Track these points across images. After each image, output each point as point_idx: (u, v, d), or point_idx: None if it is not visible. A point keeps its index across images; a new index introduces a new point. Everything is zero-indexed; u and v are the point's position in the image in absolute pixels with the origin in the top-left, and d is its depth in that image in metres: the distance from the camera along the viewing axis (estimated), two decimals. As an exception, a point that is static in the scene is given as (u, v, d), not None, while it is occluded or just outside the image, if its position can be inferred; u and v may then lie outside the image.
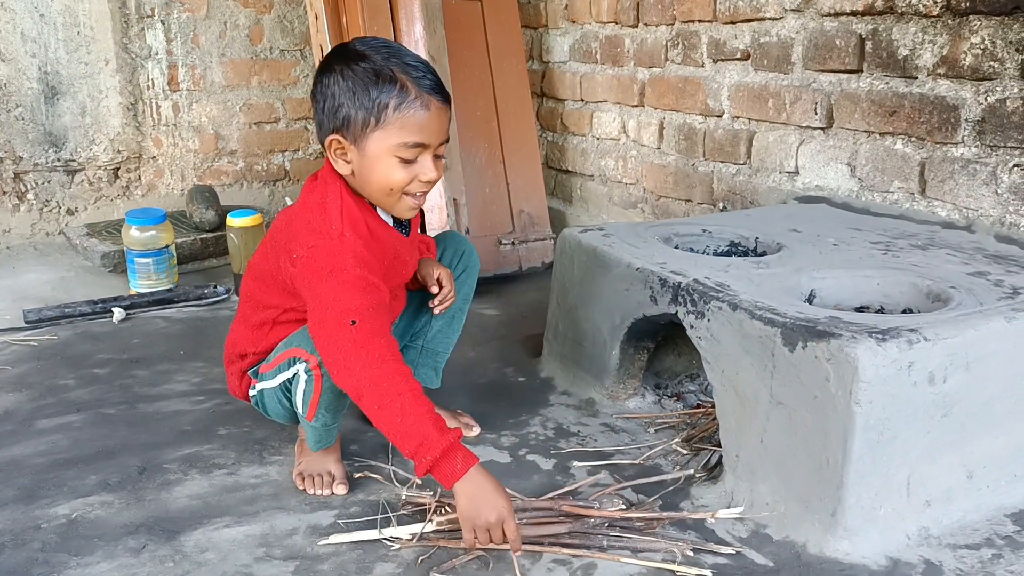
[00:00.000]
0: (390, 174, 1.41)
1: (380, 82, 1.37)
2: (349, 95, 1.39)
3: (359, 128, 1.39)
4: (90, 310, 2.46)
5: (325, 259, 1.39)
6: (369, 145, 1.40)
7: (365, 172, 1.43)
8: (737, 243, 1.94)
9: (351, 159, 1.43)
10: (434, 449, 1.26)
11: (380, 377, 1.31)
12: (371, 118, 1.38)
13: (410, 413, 1.29)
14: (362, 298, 1.36)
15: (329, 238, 1.41)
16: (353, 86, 1.38)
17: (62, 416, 1.83)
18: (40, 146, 3.23)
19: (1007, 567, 1.26)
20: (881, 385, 1.25)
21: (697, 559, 1.30)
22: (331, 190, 1.47)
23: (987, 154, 1.81)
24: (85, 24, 3.23)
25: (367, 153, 1.41)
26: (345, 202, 1.45)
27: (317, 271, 1.39)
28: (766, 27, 2.29)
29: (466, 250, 1.77)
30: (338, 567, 1.29)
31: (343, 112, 1.40)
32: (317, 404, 1.47)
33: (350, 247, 1.40)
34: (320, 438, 1.54)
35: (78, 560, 1.32)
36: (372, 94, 1.38)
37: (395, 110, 1.38)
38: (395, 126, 1.38)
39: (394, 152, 1.40)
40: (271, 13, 3.51)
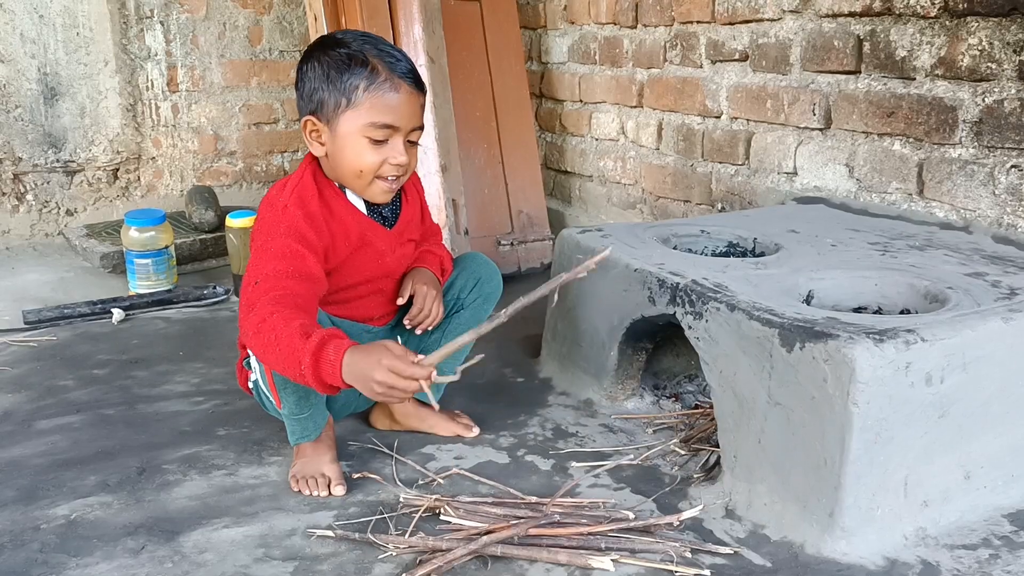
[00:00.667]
0: (360, 155, 1.46)
1: (352, 64, 1.44)
2: (323, 79, 1.45)
3: (331, 109, 1.45)
4: (89, 311, 2.47)
5: (262, 228, 1.46)
6: (340, 125, 1.45)
7: (337, 153, 1.48)
8: (735, 244, 1.95)
9: (324, 140, 1.48)
10: (304, 356, 1.25)
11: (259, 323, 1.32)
12: (342, 98, 1.44)
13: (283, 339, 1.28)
14: (277, 263, 1.40)
15: (273, 209, 1.47)
16: (327, 70, 1.45)
17: (61, 417, 1.83)
18: (39, 147, 3.24)
19: (1004, 567, 1.26)
20: (878, 386, 1.25)
21: (695, 560, 1.30)
22: (299, 169, 1.54)
23: (985, 155, 1.81)
24: (84, 25, 3.23)
25: (338, 133, 1.46)
26: (304, 179, 1.51)
27: (253, 240, 1.48)
28: (764, 28, 2.30)
29: (483, 277, 1.71)
30: (337, 567, 1.29)
31: (318, 95, 1.46)
32: (274, 384, 1.48)
33: (288, 218, 1.45)
34: (294, 429, 1.54)
35: (77, 561, 1.32)
36: (344, 76, 1.44)
37: (365, 91, 1.43)
38: (365, 106, 1.43)
39: (364, 132, 1.44)
40: (270, 14, 3.52)
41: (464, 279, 1.72)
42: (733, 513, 1.42)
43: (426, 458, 1.63)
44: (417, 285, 1.64)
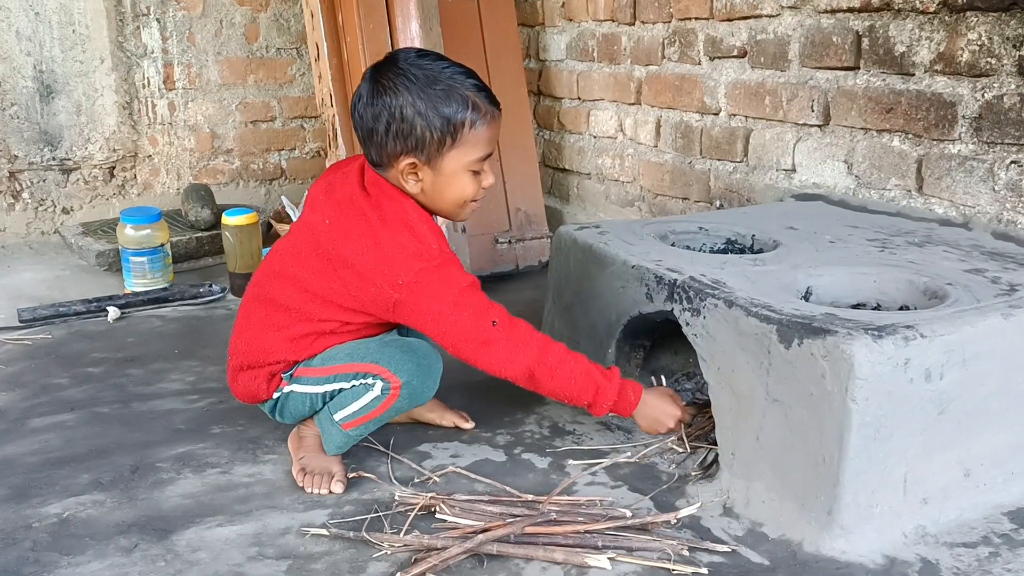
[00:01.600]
0: (465, 189, 1.50)
1: (451, 101, 1.43)
2: (423, 116, 1.43)
3: (434, 148, 1.45)
4: (85, 309, 2.46)
5: (437, 280, 1.45)
6: (445, 164, 1.47)
7: (440, 189, 1.49)
8: (734, 240, 1.94)
9: (422, 178, 1.48)
10: (611, 392, 1.49)
11: (540, 356, 1.46)
12: (447, 137, 1.44)
13: (578, 373, 1.47)
14: (480, 297, 1.48)
15: (432, 259, 1.46)
16: (426, 108, 1.43)
17: (55, 415, 1.82)
18: (35, 145, 3.22)
19: (1004, 565, 1.25)
20: (877, 382, 1.24)
21: (693, 558, 1.29)
22: (409, 208, 1.50)
23: (984, 151, 1.80)
24: (80, 22, 3.22)
25: (443, 172, 1.47)
26: (426, 218, 1.52)
27: (433, 292, 1.45)
28: (763, 24, 2.28)
29: None
30: (331, 566, 1.28)
31: (417, 134, 1.44)
32: (373, 418, 1.52)
33: (451, 261, 1.49)
34: (342, 444, 1.56)
35: (69, 559, 1.31)
36: (446, 114, 1.43)
37: (471, 127, 1.45)
38: (470, 143, 1.46)
39: (468, 167, 1.48)
40: (267, 11, 3.50)
41: None
42: (731, 511, 1.41)
43: (421, 456, 1.62)
44: None
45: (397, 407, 1.52)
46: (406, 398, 1.50)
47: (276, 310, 1.56)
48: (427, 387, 1.52)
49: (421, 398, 1.53)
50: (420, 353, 1.51)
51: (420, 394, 1.52)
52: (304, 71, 3.60)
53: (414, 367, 1.49)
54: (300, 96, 3.62)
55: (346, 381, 1.52)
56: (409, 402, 1.52)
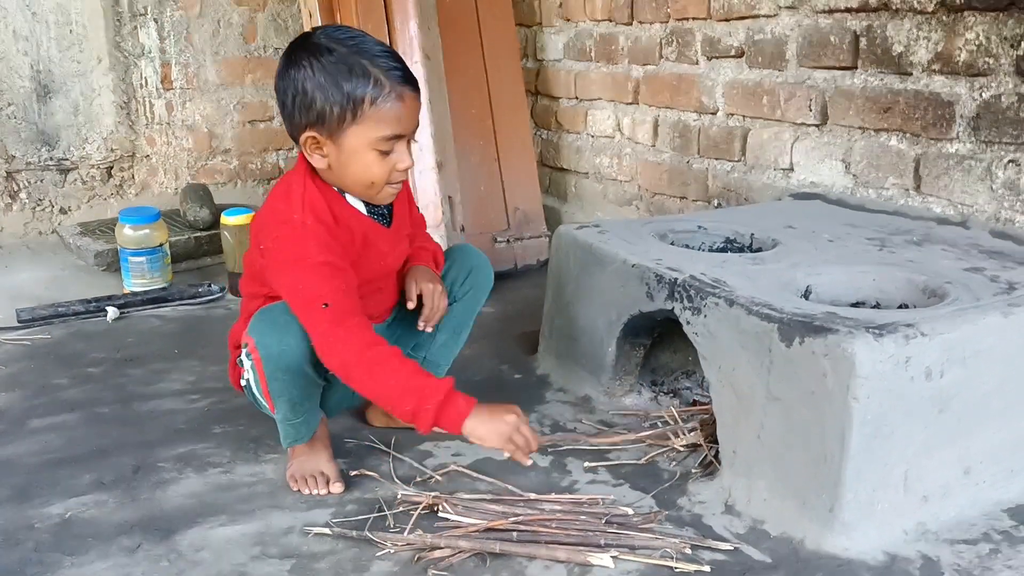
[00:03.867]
0: (369, 168, 1.44)
1: (352, 76, 1.38)
2: (321, 90, 1.38)
3: (335, 123, 1.40)
4: (84, 309, 2.45)
5: (290, 248, 1.42)
6: (346, 140, 1.41)
7: (343, 166, 1.45)
8: (732, 239, 1.94)
9: (327, 153, 1.44)
10: (435, 397, 1.31)
11: (361, 349, 1.36)
12: (347, 113, 1.39)
13: (401, 374, 1.34)
14: (330, 282, 1.40)
15: (292, 226, 1.43)
16: (324, 80, 1.38)
17: (56, 415, 1.82)
18: (32, 145, 3.22)
19: (1004, 562, 1.26)
20: (878, 380, 1.25)
21: (695, 556, 1.29)
22: (295, 179, 1.50)
23: (982, 150, 1.81)
24: (77, 22, 3.21)
25: (344, 148, 1.42)
26: (308, 190, 1.47)
27: (284, 260, 1.43)
28: (760, 24, 2.29)
29: (475, 267, 1.71)
30: (335, 565, 1.29)
31: (317, 107, 1.40)
32: (268, 392, 1.47)
33: (312, 234, 1.42)
34: (287, 433, 1.53)
35: (72, 560, 1.31)
36: (345, 88, 1.38)
37: (371, 104, 1.39)
38: (372, 120, 1.39)
39: (372, 146, 1.42)
40: (265, 11, 3.50)
41: (456, 271, 1.70)
42: (732, 509, 1.41)
43: (424, 455, 1.63)
44: (423, 284, 1.62)
45: (269, 371, 1.44)
46: (267, 359, 1.42)
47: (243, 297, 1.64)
48: (286, 345, 1.41)
49: (284, 358, 1.42)
50: (274, 311, 1.44)
51: (280, 354, 1.42)
52: (302, 71, 3.59)
53: (266, 325, 1.43)
54: (298, 96, 3.61)
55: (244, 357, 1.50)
56: (273, 363, 1.43)
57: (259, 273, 1.54)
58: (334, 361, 1.38)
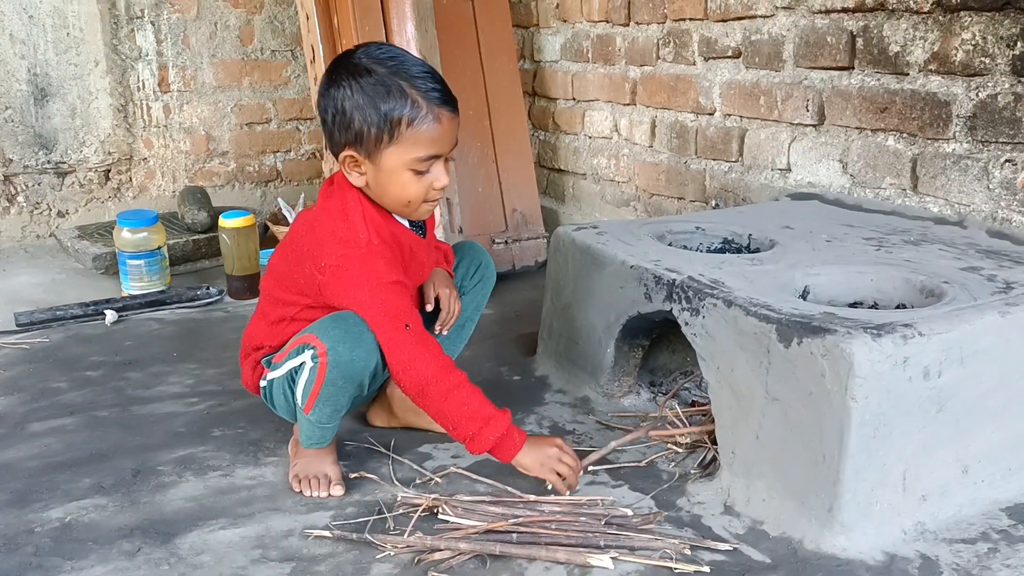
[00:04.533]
0: (406, 188, 1.46)
1: (390, 97, 1.40)
2: (359, 110, 1.41)
3: (372, 143, 1.42)
4: (82, 312, 2.45)
5: (358, 268, 1.44)
6: (384, 160, 1.43)
7: (382, 185, 1.47)
8: (730, 240, 1.94)
9: (365, 171, 1.47)
10: (498, 429, 1.41)
11: (439, 372, 1.42)
12: (384, 134, 1.41)
13: (473, 403, 1.42)
14: (404, 301, 1.46)
15: (358, 246, 1.46)
16: (363, 100, 1.41)
17: (55, 419, 1.82)
18: (30, 148, 3.22)
19: (1003, 561, 1.26)
20: (876, 380, 1.25)
21: (695, 556, 1.29)
22: (350, 198, 1.50)
23: (979, 150, 1.81)
24: (74, 25, 3.21)
25: (382, 168, 1.44)
26: (367, 209, 1.50)
27: (352, 279, 1.44)
28: (757, 25, 2.29)
29: (483, 262, 1.77)
30: (334, 568, 1.29)
31: (355, 127, 1.42)
32: (317, 395, 1.46)
33: (379, 254, 1.46)
34: (312, 435, 1.52)
35: (72, 564, 1.31)
36: (383, 109, 1.40)
37: (408, 126, 1.41)
38: (409, 142, 1.41)
39: (409, 166, 1.43)
40: (261, 14, 3.50)
41: (466, 267, 1.75)
42: (732, 509, 1.42)
43: (423, 457, 1.63)
44: (440, 289, 1.65)
45: (331, 377, 1.43)
46: (334, 365, 1.42)
47: (263, 299, 1.64)
48: (356, 355, 1.42)
49: (352, 368, 1.43)
50: (349, 321, 1.43)
51: (349, 362, 1.42)
52: (299, 73, 3.60)
53: (340, 332, 1.42)
54: (295, 98, 3.62)
55: (292, 358, 1.49)
56: (339, 370, 1.42)
57: (303, 284, 1.52)
58: (412, 378, 1.42)
